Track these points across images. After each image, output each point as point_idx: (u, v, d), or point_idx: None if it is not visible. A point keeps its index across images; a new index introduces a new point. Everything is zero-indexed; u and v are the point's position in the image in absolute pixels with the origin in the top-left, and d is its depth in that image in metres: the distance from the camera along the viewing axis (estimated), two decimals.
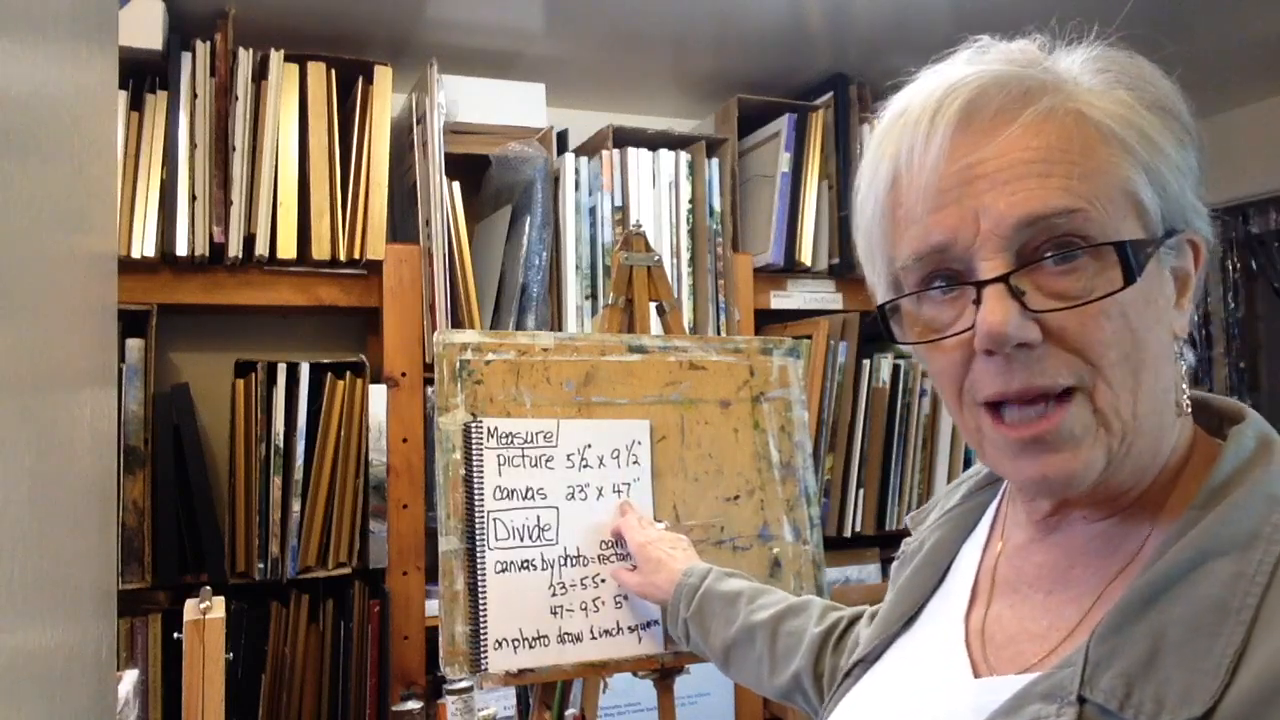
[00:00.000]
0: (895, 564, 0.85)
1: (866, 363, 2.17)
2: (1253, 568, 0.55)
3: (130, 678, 1.25)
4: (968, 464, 2.06)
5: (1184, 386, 0.63)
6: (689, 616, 1.16)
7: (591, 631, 1.31)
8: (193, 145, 1.75)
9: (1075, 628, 0.62)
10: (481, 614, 1.26)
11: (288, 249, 1.79)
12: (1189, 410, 0.64)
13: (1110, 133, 0.59)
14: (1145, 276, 0.58)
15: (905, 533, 0.86)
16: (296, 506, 1.77)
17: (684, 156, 2.09)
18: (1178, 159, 0.61)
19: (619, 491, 1.37)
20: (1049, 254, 0.58)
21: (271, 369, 1.77)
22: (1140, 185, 0.59)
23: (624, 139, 2.05)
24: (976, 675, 0.66)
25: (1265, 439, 0.61)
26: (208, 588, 1.33)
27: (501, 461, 1.32)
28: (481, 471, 1.31)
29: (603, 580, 1.33)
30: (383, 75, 1.88)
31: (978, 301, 0.59)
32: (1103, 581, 0.62)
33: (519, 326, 1.94)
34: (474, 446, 1.31)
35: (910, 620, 0.76)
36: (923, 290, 0.63)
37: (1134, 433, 0.59)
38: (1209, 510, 0.58)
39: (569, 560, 1.32)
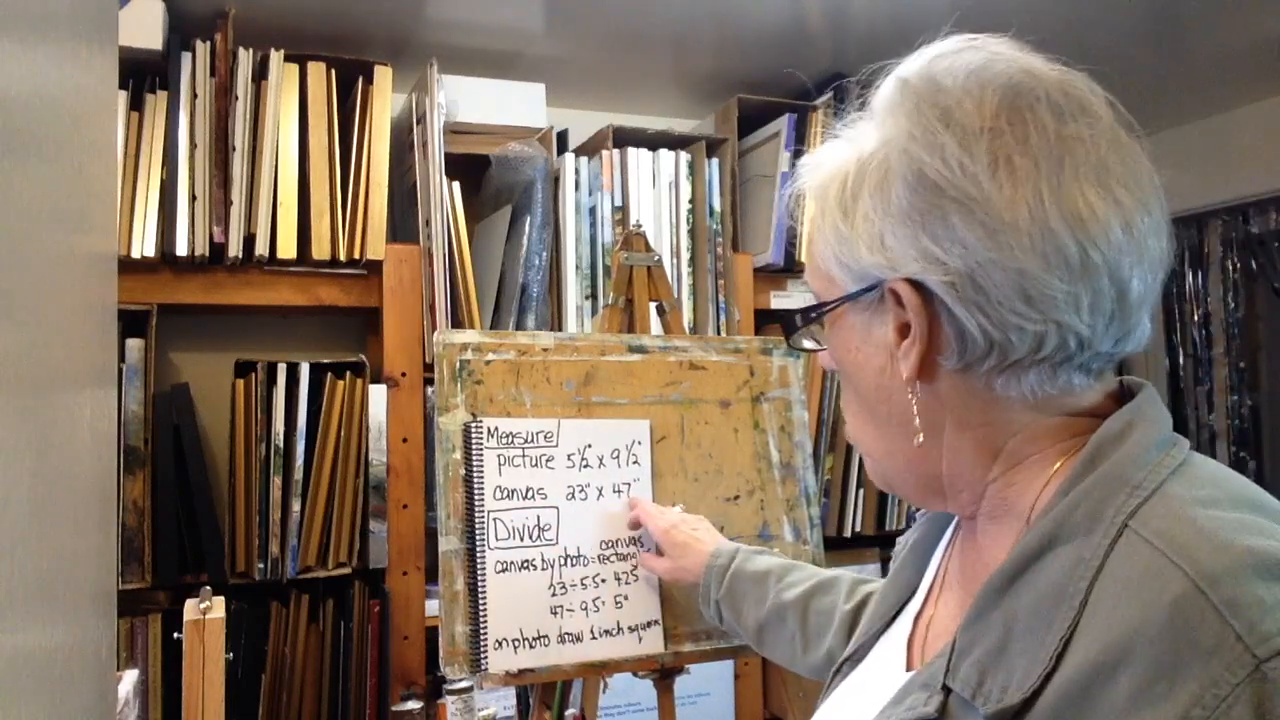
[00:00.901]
0: (892, 561, 0.86)
1: None
2: (1090, 551, 0.55)
3: (130, 678, 1.25)
4: None
5: (915, 424, 0.65)
6: (720, 598, 1.17)
7: (591, 631, 1.31)
8: (193, 145, 1.75)
9: None
10: (481, 614, 1.26)
11: (288, 249, 1.79)
12: (919, 440, 0.65)
13: (817, 215, 0.68)
14: (840, 330, 0.68)
15: (904, 531, 0.88)
16: (296, 506, 1.77)
17: (684, 156, 2.09)
18: (858, 221, 0.63)
19: (619, 491, 1.37)
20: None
21: (271, 369, 1.77)
22: (827, 256, 0.67)
23: (624, 139, 2.05)
24: (909, 670, 0.70)
25: (1132, 420, 0.61)
26: (208, 588, 1.33)
27: (501, 461, 1.32)
28: (481, 471, 1.31)
29: (603, 580, 1.33)
30: (383, 75, 1.88)
31: None
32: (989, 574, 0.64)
33: (519, 326, 1.94)
34: (474, 446, 1.31)
35: (893, 619, 0.78)
36: None
37: (874, 453, 0.70)
38: (1061, 499, 0.58)
39: (569, 560, 1.32)
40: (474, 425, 1.32)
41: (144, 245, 1.71)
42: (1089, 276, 0.58)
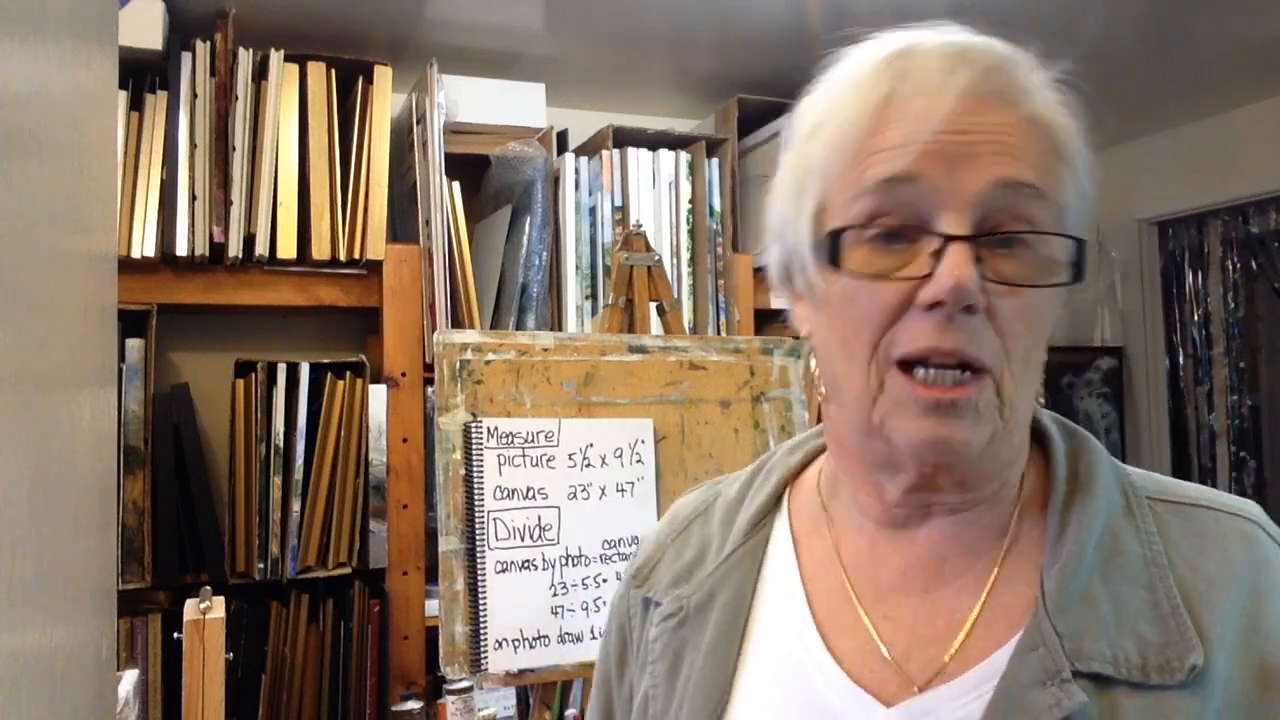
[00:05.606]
0: (659, 634, 0.71)
1: None
2: (1138, 521, 0.63)
3: (130, 678, 1.25)
4: None
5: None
6: None
7: (592, 631, 1.31)
8: (193, 145, 1.75)
9: (979, 616, 0.61)
10: (481, 614, 1.26)
11: (288, 249, 1.79)
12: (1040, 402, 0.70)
13: (1067, 155, 0.63)
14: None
15: None
16: (296, 506, 1.77)
17: (684, 156, 2.09)
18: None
19: (622, 491, 1.37)
20: (1004, 231, 0.59)
21: (271, 369, 1.77)
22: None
23: (624, 139, 2.05)
24: (889, 704, 0.60)
25: (1056, 417, 0.69)
26: (208, 588, 1.33)
27: (502, 461, 1.32)
28: (481, 471, 1.31)
29: (604, 580, 1.33)
30: (383, 75, 1.88)
31: (937, 254, 0.58)
32: (990, 566, 0.62)
33: (519, 326, 1.94)
34: (474, 446, 1.31)
35: (724, 710, 0.65)
36: (862, 226, 0.61)
37: (1013, 423, 0.62)
38: (1079, 485, 0.64)
39: (570, 560, 1.32)
40: (474, 425, 1.32)
41: (144, 245, 1.71)
42: None
